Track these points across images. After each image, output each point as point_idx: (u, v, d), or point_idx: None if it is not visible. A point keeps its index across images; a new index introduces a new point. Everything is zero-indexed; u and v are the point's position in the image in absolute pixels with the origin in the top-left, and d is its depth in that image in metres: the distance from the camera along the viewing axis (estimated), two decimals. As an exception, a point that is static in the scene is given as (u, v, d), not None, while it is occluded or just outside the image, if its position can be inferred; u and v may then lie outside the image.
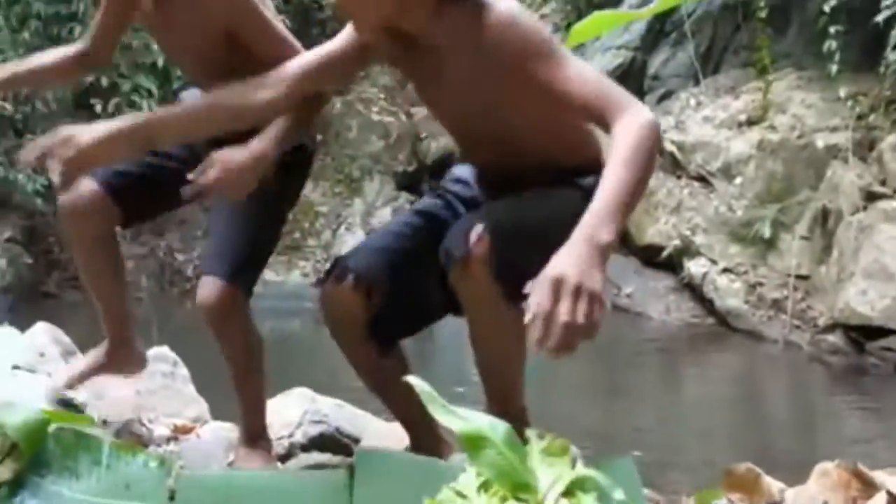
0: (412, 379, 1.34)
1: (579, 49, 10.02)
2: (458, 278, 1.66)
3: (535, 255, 1.58)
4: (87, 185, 2.04)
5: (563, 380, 5.98)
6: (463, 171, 1.96)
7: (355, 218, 9.06)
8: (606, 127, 1.56)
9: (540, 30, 1.67)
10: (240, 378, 2.11)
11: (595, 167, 1.67)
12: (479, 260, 1.61)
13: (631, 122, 1.53)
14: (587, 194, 1.58)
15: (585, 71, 1.62)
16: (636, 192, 1.50)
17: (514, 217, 1.70)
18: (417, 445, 1.98)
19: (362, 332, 1.85)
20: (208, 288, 2.02)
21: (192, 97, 2.12)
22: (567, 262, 1.41)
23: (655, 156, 1.56)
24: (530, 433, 1.36)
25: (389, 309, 1.84)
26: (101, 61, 2.20)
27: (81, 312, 7.94)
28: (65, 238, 8.38)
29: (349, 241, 8.54)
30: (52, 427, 1.59)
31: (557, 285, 1.39)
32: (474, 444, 1.27)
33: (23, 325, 2.84)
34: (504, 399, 1.80)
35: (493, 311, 1.67)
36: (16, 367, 2.10)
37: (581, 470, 1.30)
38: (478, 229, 1.62)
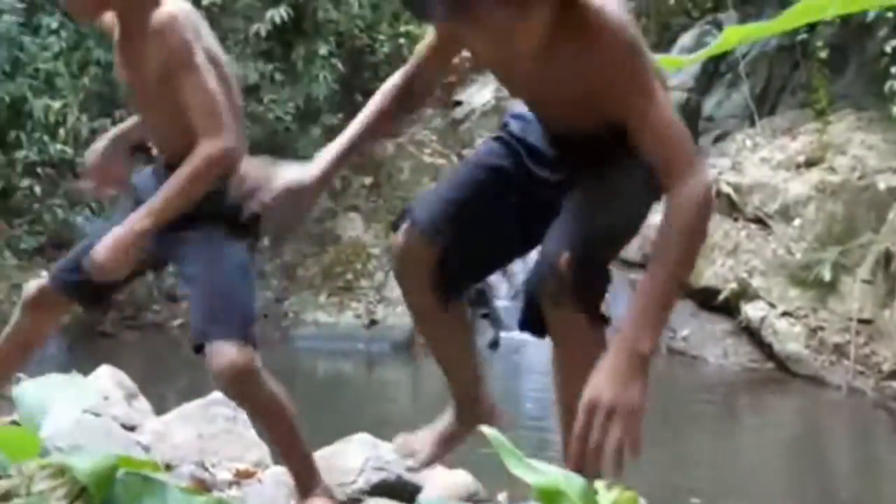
0: (485, 429, 1.32)
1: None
2: (549, 307, 1.68)
3: (616, 250, 1.75)
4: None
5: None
6: (520, 106, 1.92)
7: (408, 259, 9.09)
8: (666, 182, 1.55)
9: (642, 48, 1.59)
10: (278, 435, 2.07)
11: None
12: (568, 289, 1.64)
13: (689, 195, 1.51)
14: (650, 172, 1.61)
15: (670, 115, 1.58)
16: (677, 288, 1.54)
17: (595, 234, 1.69)
18: (461, 412, 2.01)
19: (425, 281, 1.85)
20: (226, 353, 1.94)
21: (142, 179, 2.21)
22: (605, 380, 1.46)
23: (706, 227, 1.57)
24: (598, 484, 1.34)
25: (453, 259, 1.83)
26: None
27: (137, 352, 8.05)
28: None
29: (402, 282, 8.55)
30: (119, 472, 1.60)
31: (592, 408, 1.45)
32: (550, 498, 1.25)
33: (80, 364, 2.88)
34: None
35: (585, 332, 1.70)
36: (85, 412, 2.12)
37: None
38: (565, 258, 1.63)
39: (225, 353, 1.94)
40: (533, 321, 1.74)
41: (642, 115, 1.56)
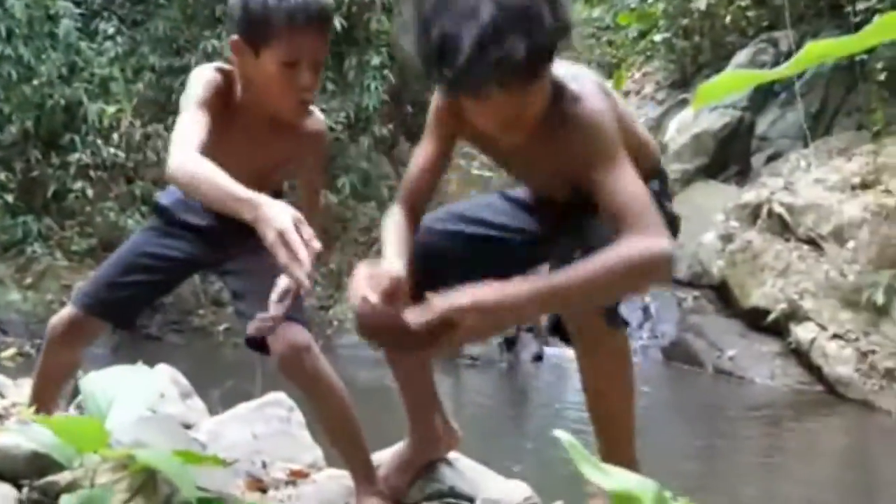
0: (560, 433, 1.31)
1: (682, 107, 9.94)
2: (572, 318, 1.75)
3: None
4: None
5: (661, 443, 5.83)
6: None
7: (452, 272, 9.09)
8: (619, 235, 1.57)
9: (613, 135, 1.67)
10: (338, 423, 2.08)
11: (656, 170, 1.89)
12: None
13: (640, 243, 1.55)
14: (654, 196, 1.68)
15: (636, 185, 1.63)
16: (590, 296, 1.57)
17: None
18: (416, 431, 2.13)
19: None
20: (290, 331, 1.96)
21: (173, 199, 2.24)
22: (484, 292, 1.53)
23: (642, 284, 1.65)
24: (665, 495, 1.32)
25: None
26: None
27: (183, 355, 8.12)
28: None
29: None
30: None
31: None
32: (625, 502, 1.23)
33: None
34: (616, 444, 1.88)
35: (599, 339, 1.76)
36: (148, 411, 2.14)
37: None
38: None
39: (291, 329, 1.97)
40: (559, 326, 1.82)
41: (603, 185, 1.62)
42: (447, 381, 7.79)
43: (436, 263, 1.85)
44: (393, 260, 1.74)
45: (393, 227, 1.83)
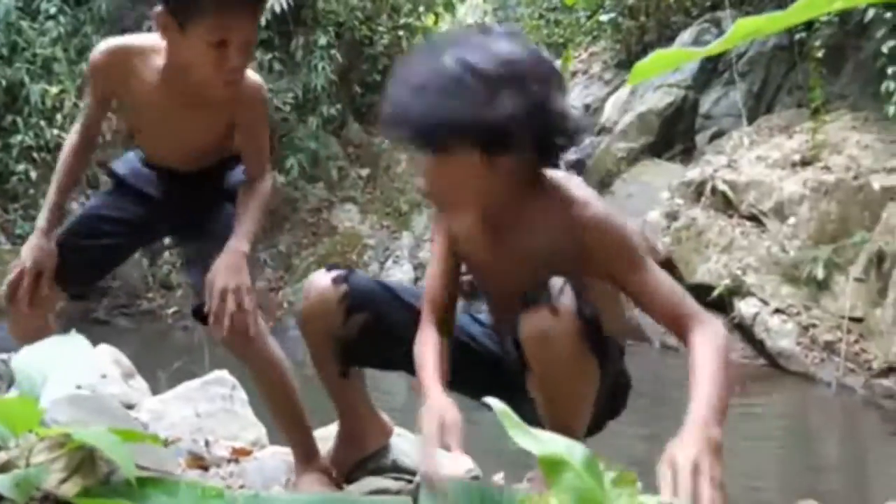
0: (491, 400, 1.33)
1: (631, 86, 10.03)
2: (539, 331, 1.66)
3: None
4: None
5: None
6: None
7: (403, 251, 9.09)
8: (682, 336, 1.63)
9: (632, 237, 1.71)
10: (280, 399, 2.10)
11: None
12: (569, 317, 1.63)
13: (711, 336, 1.60)
14: None
15: (666, 279, 1.69)
16: (726, 406, 1.54)
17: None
18: (344, 427, 2.10)
19: (328, 342, 1.92)
20: (237, 319, 1.95)
21: (128, 166, 2.24)
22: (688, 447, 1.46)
23: (734, 371, 1.65)
24: (596, 459, 1.35)
25: (361, 340, 1.90)
26: (95, 147, 2.25)
27: (131, 338, 8.04)
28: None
29: (397, 273, 8.57)
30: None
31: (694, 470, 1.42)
32: (553, 467, 1.26)
33: (75, 349, 2.87)
34: (564, 430, 1.80)
35: (577, 358, 1.68)
36: (78, 388, 2.11)
37: (648, 499, 1.31)
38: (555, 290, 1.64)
39: (237, 316, 1.95)
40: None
41: (642, 283, 1.67)
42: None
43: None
44: (441, 397, 1.69)
45: (429, 351, 1.78)
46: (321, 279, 1.92)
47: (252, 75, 2.07)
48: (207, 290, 1.96)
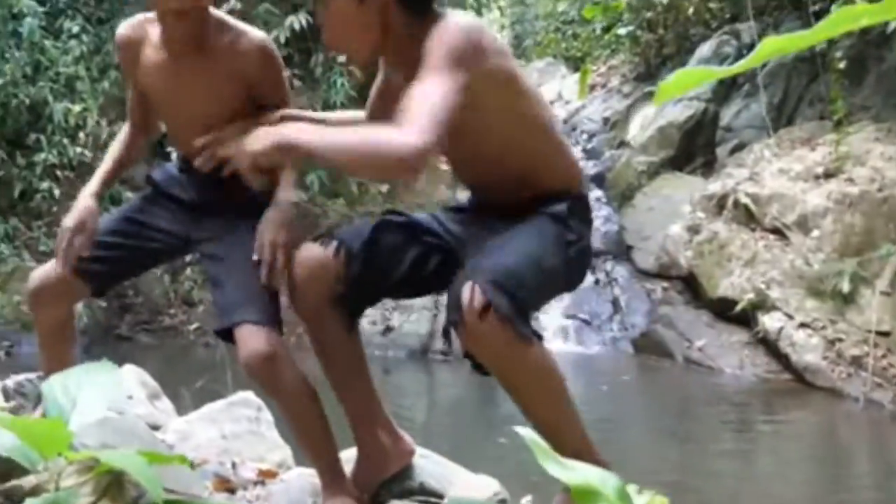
0: (521, 429, 1.32)
1: (651, 99, 10.01)
2: (471, 342, 1.69)
3: (532, 289, 1.73)
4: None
5: (632, 437, 5.88)
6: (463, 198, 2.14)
7: (424, 266, 9.09)
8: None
9: (455, 43, 1.74)
10: (304, 426, 2.07)
11: (568, 192, 1.92)
12: (481, 315, 1.64)
13: (391, 133, 1.63)
14: (559, 219, 1.83)
15: (437, 92, 1.68)
16: (333, 161, 1.69)
17: (502, 263, 1.73)
18: (363, 449, 2.09)
19: (330, 298, 1.95)
20: (254, 338, 1.97)
21: (164, 174, 2.31)
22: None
23: (375, 171, 1.87)
24: (630, 488, 1.33)
25: (359, 282, 1.95)
26: (149, 132, 2.37)
27: (154, 355, 8.07)
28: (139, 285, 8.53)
29: (417, 289, 8.55)
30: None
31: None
32: (586, 497, 1.24)
33: (98, 367, 2.88)
34: (574, 454, 1.71)
35: (513, 357, 1.70)
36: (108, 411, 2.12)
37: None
38: (468, 288, 1.65)
39: (255, 335, 1.97)
40: (474, 360, 1.76)
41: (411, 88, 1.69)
42: (418, 377, 7.81)
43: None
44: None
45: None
46: (308, 248, 1.97)
47: (253, 31, 2.18)
48: (258, 245, 2.02)
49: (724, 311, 7.45)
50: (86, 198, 2.21)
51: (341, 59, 9.66)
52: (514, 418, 1.83)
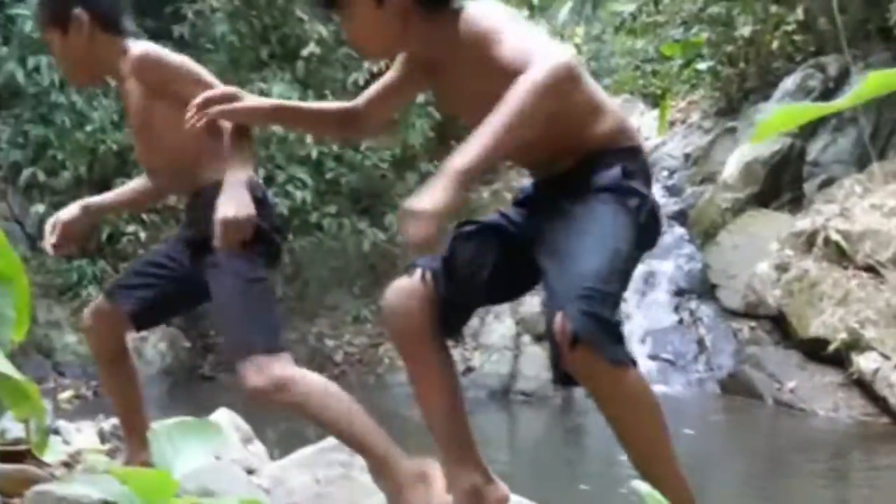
0: (638, 484, 1.28)
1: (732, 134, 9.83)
2: (571, 371, 1.71)
3: (616, 282, 1.73)
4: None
5: (721, 481, 5.71)
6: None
7: (504, 306, 9.02)
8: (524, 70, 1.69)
9: (490, 15, 1.84)
10: (341, 421, 2.14)
11: (618, 147, 1.91)
12: (573, 346, 1.64)
13: (526, 75, 1.65)
14: (616, 189, 1.82)
15: (521, 36, 1.77)
16: (516, 128, 1.64)
17: (579, 272, 1.70)
18: (462, 496, 2.03)
19: (429, 329, 1.98)
20: (249, 375, 2.10)
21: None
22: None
23: (552, 98, 1.68)
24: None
25: (450, 299, 1.98)
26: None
27: (236, 396, 8.15)
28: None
29: (498, 329, 8.49)
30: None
31: (401, 213, 1.69)
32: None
33: (181, 406, 2.91)
34: (659, 485, 1.64)
35: (608, 383, 1.70)
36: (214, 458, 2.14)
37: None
38: (559, 319, 1.65)
39: (250, 373, 2.09)
40: (568, 376, 1.74)
41: (498, 53, 1.76)
42: (500, 418, 7.73)
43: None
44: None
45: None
46: (394, 288, 2.00)
47: (133, 47, 2.31)
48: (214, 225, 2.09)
49: (815, 351, 7.22)
50: (76, 204, 2.48)
51: (419, 100, 9.75)
52: (599, 462, 1.78)
